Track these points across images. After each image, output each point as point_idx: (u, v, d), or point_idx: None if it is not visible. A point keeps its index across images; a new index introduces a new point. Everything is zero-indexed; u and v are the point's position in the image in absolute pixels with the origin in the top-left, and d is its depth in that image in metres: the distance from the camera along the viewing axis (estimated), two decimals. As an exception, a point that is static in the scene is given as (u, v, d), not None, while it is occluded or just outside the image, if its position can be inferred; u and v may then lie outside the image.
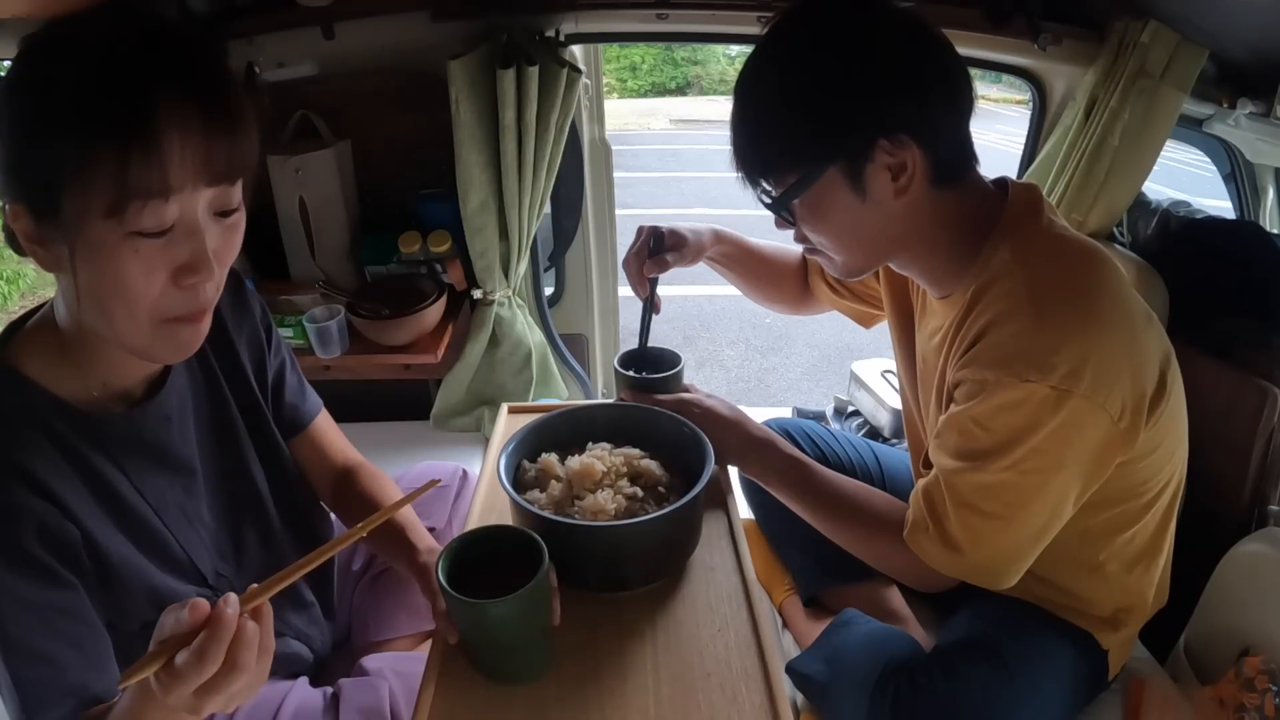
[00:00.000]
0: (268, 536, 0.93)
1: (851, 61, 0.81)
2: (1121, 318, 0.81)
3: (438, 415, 1.93)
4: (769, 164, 0.87)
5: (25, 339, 0.72)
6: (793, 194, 0.86)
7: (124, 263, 0.62)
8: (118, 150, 0.58)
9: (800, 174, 0.84)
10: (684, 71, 16.09)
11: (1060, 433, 0.79)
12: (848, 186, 0.84)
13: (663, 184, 7.46)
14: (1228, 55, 1.43)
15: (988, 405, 0.81)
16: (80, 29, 0.63)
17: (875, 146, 0.82)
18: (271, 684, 0.96)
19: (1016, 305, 0.81)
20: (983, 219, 0.88)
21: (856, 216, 0.86)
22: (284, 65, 1.68)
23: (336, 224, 1.80)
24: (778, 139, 0.85)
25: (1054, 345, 0.77)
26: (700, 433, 0.97)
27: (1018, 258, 0.84)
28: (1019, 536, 0.85)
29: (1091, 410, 0.78)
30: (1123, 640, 1.01)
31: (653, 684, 0.79)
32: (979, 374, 0.82)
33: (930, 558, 0.88)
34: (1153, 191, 1.60)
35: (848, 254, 0.92)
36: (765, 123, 0.86)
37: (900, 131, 0.81)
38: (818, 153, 0.83)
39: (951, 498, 0.86)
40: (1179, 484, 0.95)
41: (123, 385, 0.75)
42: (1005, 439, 0.81)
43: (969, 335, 0.85)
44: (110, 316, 0.65)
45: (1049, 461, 0.81)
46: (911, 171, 0.83)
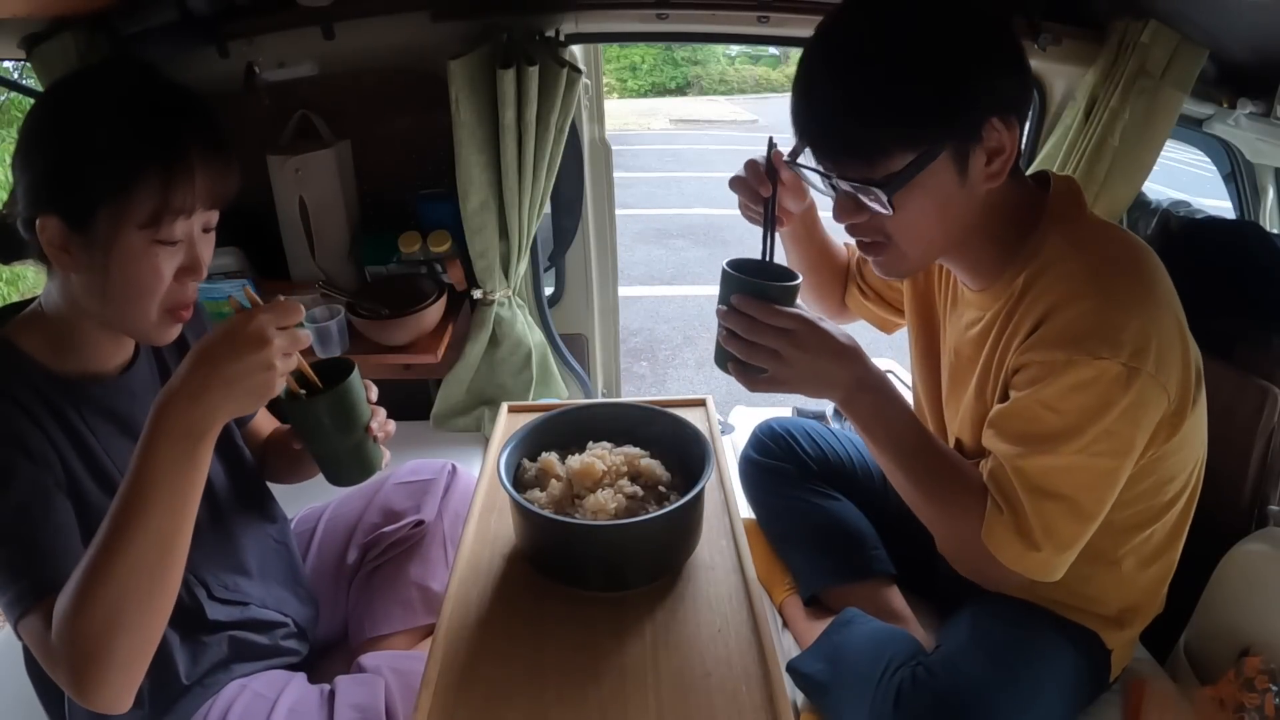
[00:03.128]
0: (216, 514, 0.98)
1: (967, 34, 0.77)
2: (1174, 301, 0.83)
3: (438, 415, 1.93)
4: (876, 146, 0.79)
5: (20, 323, 0.85)
6: (905, 177, 0.78)
7: (147, 264, 0.79)
8: (162, 175, 0.76)
9: (915, 155, 0.78)
10: (684, 71, 16.10)
11: (1130, 413, 0.79)
12: (954, 168, 0.80)
13: (663, 184, 7.46)
14: (1228, 55, 1.43)
15: (1058, 386, 0.79)
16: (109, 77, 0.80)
17: (986, 125, 0.79)
18: (268, 679, 0.97)
19: (1080, 285, 0.80)
20: (1031, 209, 0.88)
21: (951, 202, 0.82)
22: (284, 65, 1.68)
23: (336, 224, 1.80)
24: (891, 117, 0.77)
25: (1122, 323, 0.77)
26: (700, 432, 0.97)
27: (1071, 243, 0.84)
28: (1087, 525, 0.84)
29: (1155, 390, 0.79)
30: (1126, 640, 1.01)
31: (653, 684, 0.79)
32: (1048, 354, 0.80)
33: (1003, 549, 0.84)
34: (1153, 191, 1.60)
35: (924, 245, 0.87)
36: (874, 100, 0.77)
37: (1010, 111, 0.79)
38: (936, 132, 0.78)
39: (1021, 483, 0.83)
40: (1196, 485, 0.95)
41: (98, 367, 0.88)
42: (1076, 420, 0.79)
43: (1027, 321, 0.84)
44: (128, 306, 0.81)
45: (1119, 444, 0.80)
46: (1008, 154, 0.80)
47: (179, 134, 0.77)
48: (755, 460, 1.30)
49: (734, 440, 1.97)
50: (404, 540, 1.18)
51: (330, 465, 0.93)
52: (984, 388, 0.93)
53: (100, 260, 0.78)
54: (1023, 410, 0.83)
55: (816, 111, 0.82)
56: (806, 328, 0.86)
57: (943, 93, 0.76)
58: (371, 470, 0.94)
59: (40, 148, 0.78)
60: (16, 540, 0.73)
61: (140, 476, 0.70)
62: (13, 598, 0.73)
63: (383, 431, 0.94)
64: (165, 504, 0.71)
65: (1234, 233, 1.45)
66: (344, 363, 0.90)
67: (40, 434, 0.78)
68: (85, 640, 0.68)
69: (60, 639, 0.69)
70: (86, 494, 0.82)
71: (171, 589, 0.74)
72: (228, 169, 0.81)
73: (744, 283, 0.88)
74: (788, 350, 0.85)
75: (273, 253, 1.82)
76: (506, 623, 0.87)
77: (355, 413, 0.90)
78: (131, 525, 0.69)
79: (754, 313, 0.86)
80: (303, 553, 1.19)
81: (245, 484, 1.04)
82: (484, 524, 1.03)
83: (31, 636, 0.73)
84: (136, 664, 0.72)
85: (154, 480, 0.70)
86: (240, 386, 0.71)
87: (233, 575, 0.98)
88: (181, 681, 0.90)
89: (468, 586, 0.92)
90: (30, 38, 1.43)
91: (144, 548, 0.70)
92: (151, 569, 0.71)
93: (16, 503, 0.74)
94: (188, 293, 0.84)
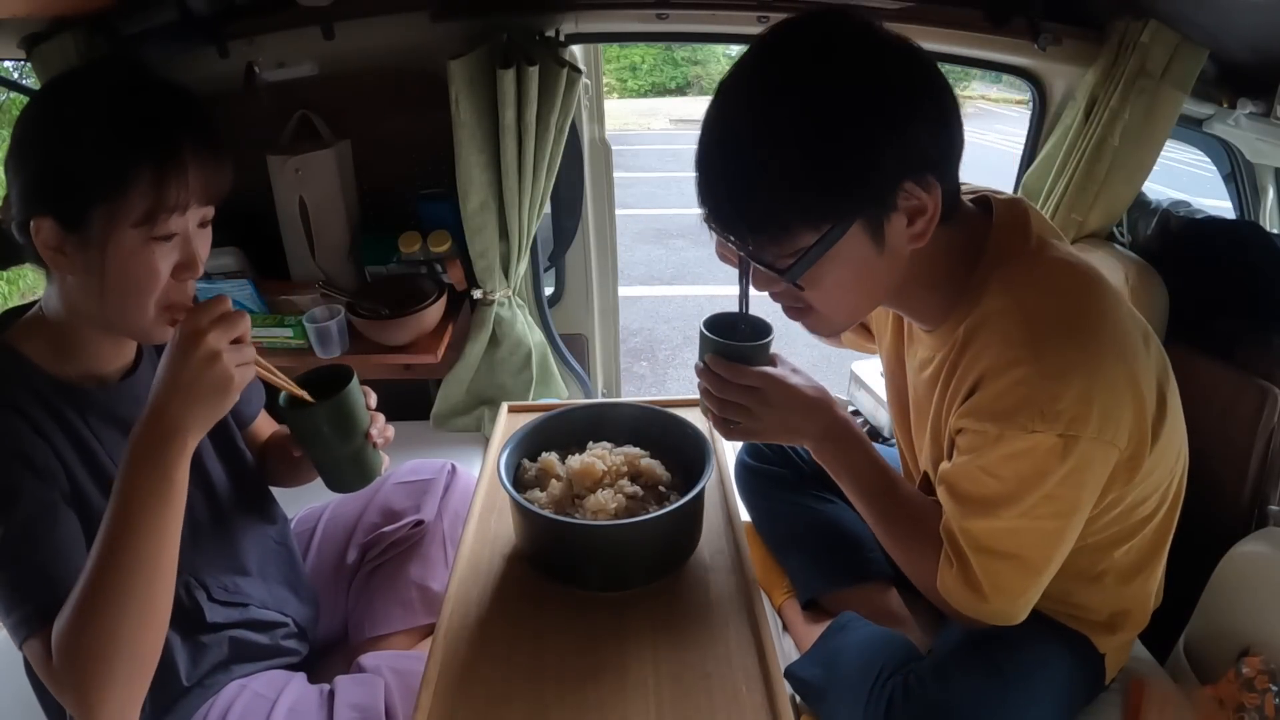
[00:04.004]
0: (219, 517, 0.99)
1: (876, 94, 0.71)
2: (1121, 348, 0.78)
3: (438, 415, 1.93)
4: (778, 225, 0.76)
5: (22, 328, 0.84)
6: (811, 258, 0.76)
7: (144, 262, 0.78)
8: (154, 172, 0.76)
9: (820, 234, 0.75)
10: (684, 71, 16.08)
11: (1072, 477, 0.77)
12: (868, 239, 0.76)
13: (663, 184, 7.46)
14: (1228, 55, 1.43)
15: (994, 455, 0.79)
16: (98, 76, 0.80)
17: (899, 191, 0.74)
18: (268, 679, 0.97)
19: (1013, 351, 0.76)
20: (971, 247, 0.84)
21: (869, 269, 0.79)
22: (284, 65, 1.68)
23: (336, 224, 1.80)
24: (793, 197, 0.74)
25: (1057, 392, 0.74)
26: (701, 432, 0.97)
27: (1010, 294, 0.80)
28: (1037, 578, 0.84)
29: (1100, 448, 0.77)
30: (1120, 644, 1.01)
31: (653, 684, 0.79)
32: (980, 425, 0.79)
33: (956, 600, 0.87)
34: (1153, 191, 1.60)
35: (846, 311, 0.86)
36: (774, 180, 0.73)
37: (926, 171, 0.74)
38: (842, 208, 0.74)
39: (968, 542, 0.84)
40: (1178, 493, 0.95)
41: (101, 372, 0.88)
42: (1015, 487, 0.79)
43: (966, 382, 0.82)
44: (126, 305, 0.80)
45: (1061, 506, 0.79)
46: (930, 214, 0.76)
47: (170, 130, 0.77)
48: (750, 465, 1.30)
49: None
50: (404, 540, 1.18)
51: (330, 472, 0.94)
52: (938, 434, 0.92)
53: (96, 260, 0.77)
54: (965, 474, 0.83)
55: (711, 184, 0.78)
56: (773, 385, 0.90)
57: (843, 169, 0.72)
58: (371, 477, 0.94)
59: (32, 149, 0.78)
60: (22, 563, 0.74)
61: (121, 501, 0.72)
62: (18, 621, 0.73)
63: (382, 438, 0.95)
64: (147, 527, 0.72)
65: (1234, 233, 1.45)
66: (343, 369, 0.90)
67: (44, 444, 0.78)
68: (84, 664, 0.70)
69: (62, 662, 0.70)
70: (91, 501, 0.82)
71: (164, 606, 0.75)
72: (221, 164, 0.81)
73: (715, 344, 0.92)
74: (756, 407, 0.90)
75: (273, 253, 1.82)
76: (506, 623, 0.87)
77: (354, 420, 0.90)
78: (119, 549, 0.71)
79: (724, 373, 0.90)
80: (303, 553, 1.19)
81: (245, 485, 1.04)
82: (484, 524, 1.03)
83: (36, 659, 0.73)
84: (137, 682, 0.73)
85: (135, 504, 0.72)
86: (196, 390, 0.72)
87: (232, 576, 0.98)
88: (182, 682, 0.90)
89: (468, 586, 0.92)
90: (30, 38, 1.43)
91: (131, 571, 0.71)
92: (141, 591, 0.72)
93: (22, 524, 0.74)
94: (186, 290, 0.84)
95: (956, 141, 0.77)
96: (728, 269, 0.92)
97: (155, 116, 0.77)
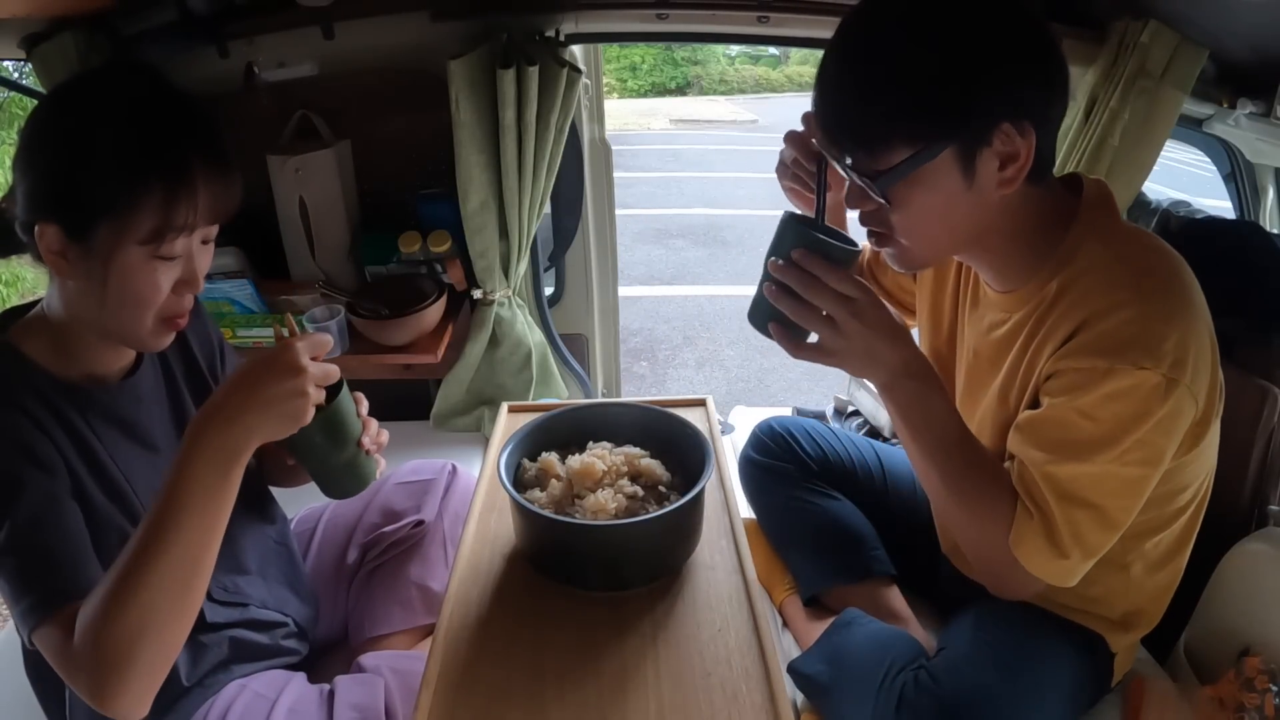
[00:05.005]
0: None
1: (991, 36, 0.75)
2: (1206, 314, 0.82)
3: (438, 415, 1.93)
4: (878, 137, 0.78)
5: (24, 327, 0.84)
6: (901, 171, 0.78)
7: (146, 278, 0.79)
8: (165, 193, 0.76)
9: (914, 150, 0.77)
10: (684, 71, 16.10)
11: (1164, 423, 0.78)
12: (959, 170, 0.78)
13: (663, 184, 7.46)
14: (1228, 55, 1.43)
15: (1096, 394, 0.78)
16: (114, 84, 0.79)
17: (997, 130, 0.76)
18: (268, 679, 0.97)
19: (1121, 294, 0.79)
20: (1062, 212, 0.86)
21: (955, 202, 0.80)
22: (284, 65, 1.68)
23: (336, 224, 1.80)
24: (896, 109, 0.76)
25: (1164, 333, 0.76)
26: (701, 432, 0.97)
27: (1109, 250, 0.83)
28: (1112, 533, 0.83)
29: (1188, 401, 0.78)
30: (1130, 644, 1.01)
31: (653, 684, 0.79)
32: (1087, 361, 0.79)
33: (1030, 556, 0.83)
34: (1153, 191, 1.61)
35: (929, 243, 0.85)
36: (882, 90, 0.76)
37: (1025, 118, 0.76)
38: (940, 130, 0.76)
39: (1051, 489, 0.82)
40: (1206, 495, 0.95)
41: (102, 373, 0.88)
42: (1111, 429, 0.78)
43: (1062, 327, 0.82)
44: (125, 315, 0.81)
45: (1151, 453, 0.80)
46: (1022, 162, 0.78)
47: (184, 151, 0.77)
48: (755, 460, 1.30)
49: (734, 440, 1.97)
50: (404, 540, 1.18)
51: (325, 480, 0.93)
52: (1008, 392, 0.92)
53: (98, 271, 0.77)
54: (1057, 417, 0.82)
55: (825, 92, 0.81)
56: (869, 299, 0.83)
57: (947, 92, 0.75)
58: (366, 483, 0.94)
59: (42, 153, 0.77)
60: (30, 551, 0.74)
61: (175, 491, 0.72)
62: (28, 607, 0.73)
63: (375, 444, 0.94)
64: (198, 519, 0.73)
65: (1234, 233, 1.45)
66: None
67: (47, 441, 0.78)
68: (111, 648, 0.69)
69: (85, 646, 0.70)
70: (92, 499, 0.82)
71: (198, 599, 0.75)
72: (231, 186, 0.81)
73: (810, 237, 0.81)
74: (846, 320, 0.82)
75: (273, 253, 1.82)
76: (506, 623, 0.87)
77: (346, 430, 0.89)
78: (164, 538, 0.71)
79: (819, 272, 0.81)
80: (303, 553, 1.19)
81: (246, 486, 1.04)
82: (484, 524, 1.03)
83: (48, 645, 0.73)
84: (157, 672, 0.73)
85: (188, 495, 0.72)
86: (275, 410, 0.74)
87: (232, 576, 0.98)
88: (181, 682, 0.90)
89: (468, 586, 0.92)
90: (30, 38, 1.43)
91: (175, 560, 0.71)
92: (181, 581, 0.72)
93: (28, 513, 0.74)
94: (184, 304, 0.84)
95: (1057, 107, 0.80)
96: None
97: (169, 136, 0.77)
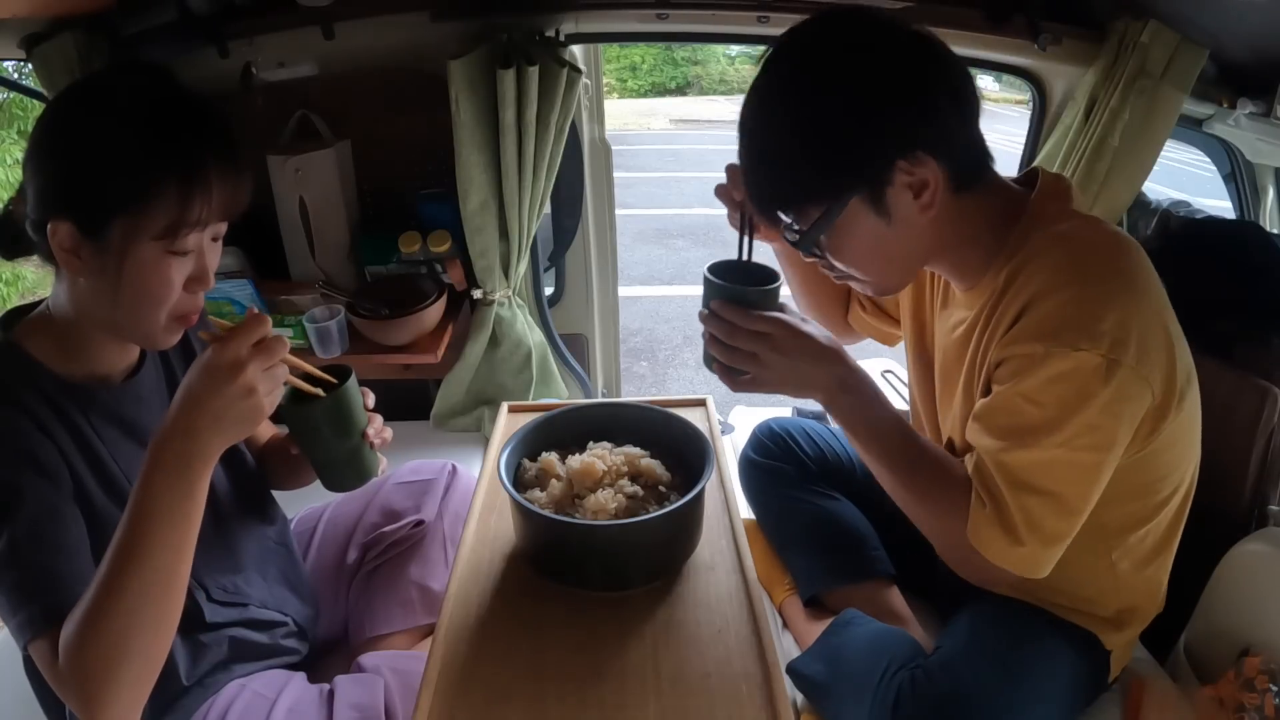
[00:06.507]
0: (218, 517, 0.99)
1: (858, 87, 0.79)
2: (1157, 298, 0.82)
3: (438, 415, 1.93)
4: (789, 200, 0.85)
5: (28, 326, 0.84)
6: (819, 228, 0.84)
7: (159, 274, 0.79)
8: (180, 189, 0.76)
9: (823, 208, 0.83)
10: (684, 71, 16.09)
11: (1111, 406, 0.78)
12: (872, 212, 0.83)
13: (663, 184, 7.46)
14: (1228, 55, 1.43)
15: (1038, 378, 0.79)
16: (127, 83, 0.79)
17: (894, 169, 0.81)
18: (267, 679, 0.97)
19: (1059, 276, 0.80)
20: (1011, 210, 0.88)
21: (884, 238, 0.85)
22: (284, 65, 1.68)
23: (336, 224, 1.80)
24: (795, 175, 0.83)
25: (1100, 314, 0.77)
26: (701, 432, 0.97)
27: (1053, 236, 0.84)
28: (1072, 520, 0.83)
29: (1137, 383, 0.78)
30: (1125, 641, 1.01)
31: (653, 684, 0.79)
32: (1027, 347, 0.80)
33: (988, 546, 0.84)
34: (1153, 191, 1.61)
35: (880, 274, 0.90)
36: (780, 160, 0.84)
37: (916, 149, 0.80)
38: (838, 185, 0.82)
39: (1004, 478, 0.83)
40: (1190, 488, 0.95)
41: (105, 372, 0.88)
42: (1056, 413, 0.79)
43: (1008, 314, 0.84)
44: (138, 313, 0.81)
45: (1101, 438, 0.80)
46: (933, 187, 0.82)
47: (198, 148, 0.78)
48: (755, 460, 1.30)
49: (734, 440, 1.97)
50: (404, 540, 1.18)
51: (326, 471, 0.93)
52: (970, 385, 0.93)
53: (112, 268, 0.78)
54: (1004, 404, 0.83)
55: (744, 167, 0.87)
56: (785, 331, 0.89)
57: (832, 151, 0.81)
58: (368, 476, 0.94)
59: (56, 151, 0.78)
60: (28, 566, 0.74)
61: (139, 511, 0.72)
62: (22, 621, 0.73)
63: (379, 438, 0.94)
64: (165, 536, 0.72)
65: (1234, 233, 1.45)
66: (342, 368, 0.90)
67: (49, 443, 0.78)
68: (92, 668, 0.70)
69: (69, 665, 0.70)
70: (94, 500, 0.82)
71: (174, 614, 0.75)
72: (242, 182, 0.82)
73: (722, 288, 0.90)
74: (766, 354, 0.89)
75: (273, 252, 1.82)
76: (506, 623, 0.87)
77: (352, 419, 0.90)
78: (134, 558, 0.71)
79: (732, 318, 0.89)
80: (303, 553, 1.19)
81: (245, 486, 1.04)
82: (484, 524, 1.03)
83: (41, 660, 0.73)
84: (142, 685, 0.74)
85: (153, 515, 0.72)
86: (227, 418, 0.73)
87: (231, 576, 0.98)
88: (181, 682, 0.90)
89: (468, 586, 0.92)
90: (30, 38, 1.43)
91: (147, 579, 0.71)
92: (155, 598, 0.72)
93: (28, 525, 0.74)
94: (196, 301, 0.84)
95: (954, 118, 0.82)
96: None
97: (184, 132, 0.77)
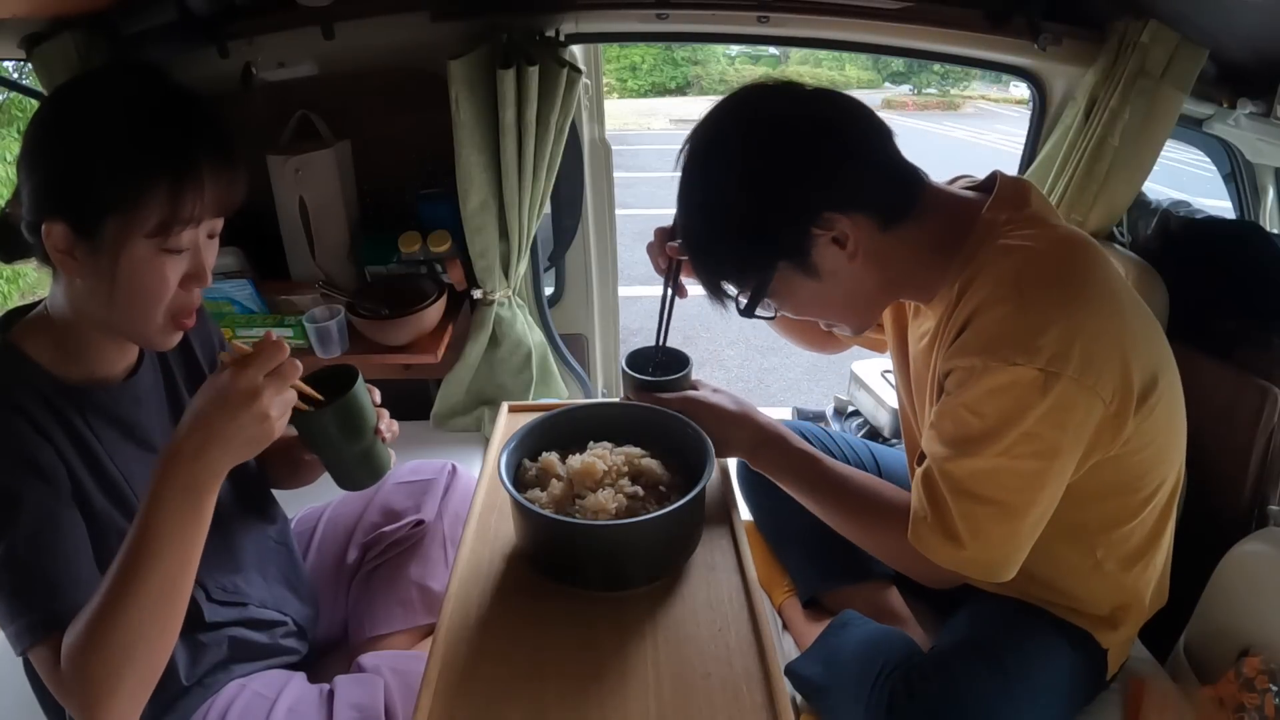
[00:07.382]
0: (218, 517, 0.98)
1: (755, 173, 0.85)
2: (1109, 303, 0.81)
3: (438, 415, 1.93)
4: (723, 276, 0.93)
5: (26, 327, 0.84)
6: (756, 298, 0.92)
7: (154, 272, 0.79)
8: (171, 186, 0.76)
9: (754, 280, 0.90)
10: (684, 71, 16.09)
11: (1051, 416, 0.79)
12: (802, 274, 0.89)
13: (663, 184, 7.46)
14: (1228, 55, 1.43)
15: (977, 390, 0.81)
16: (117, 82, 0.80)
17: (809, 236, 0.86)
18: (267, 679, 0.97)
19: (1000, 289, 0.81)
20: (960, 223, 0.88)
21: (824, 291, 0.91)
22: (284, 65, 1.68)
23: (336, 224, 1.80)
24: (719, 257, 0.92)
25: (1039, 328, 0.77)
26: (702, 432, 0.97)
27: (1000, 246, 0.84)
28: (1017, 525, 0.84)
29: (1081, 393, 0.78)
30: (1122, 639, 1.01)
31: (653, 684, 0.79)
32: (967, 360, 0.82)
33: (932, 551, 0.87)
34: (1153, 191, 1.60)
35: (841, 319, 0.97)
36: (701, 243, 0.92)
37: (825, 211, 0.84)
38: (758, 261, 0.89)
39: (948, 485, 0.84)
40: (1176, 484, 0.95)
41: (104, 373, 0.88)
42: (996, 424, 0.80)
43: (955, 325, 0.85)
44: (134, 312, 0.81)
45: (1041, 446, 0.80)
46: (855, 236, 0.86)
47: (189, 144, 0.77)
48: (754, 462, 1.30)
49: (734, 440, 1.96)
50: (404, 540, 1.18)
51: (341, 472, 0.93)
52: (935, 392, 0.94)
53: (107, 267, 0.78)
54: (950, 413, 0.85)
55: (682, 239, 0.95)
56: (694, 408, 1.01)
57: (744, 233, 0.87)
58: (381, 473, 0.95)
59: (47, 153, 0.78)
60: (26, 571, 0.74)
61: (147, 527, 0.72)
62: (22, 628, 0.74)
63: (389, 433, 0.95)
64: (172, 552, 0.73)
65: (1234, 233, 1.45)
66: (347, 370, 0.89)
67: (48, 445, 0.78)
68: (95, 677, 0.70)
69: (71, 673, 0.71)
70: (93, 501, 0.82)
71: (178, 624, 0.76)
72: (236, 178, 0.82)
73: (634, 380, 1.06)
74: None
75: (273, 253, 1.82)
76: (506, 623, 0.87)
77: (362, 420, 0.90)
78: (140, 572, 0.71)
79: (650, 404, 1.02)
80: (303, 552, 1.19)
81: (246, 486, 1.04)
82: (484, 524, 1.03)
83: (42, 666, 0.74)
84: (144, 691, 0.74)
85: (161, 531, 0.72)
86: (237, 440, 0.74)
87: (231, 576, 0.98)
88: (181, 682, 0.90)
89: (468, 586, 0.92)
90: (30, 38, 1.43)
91: (152, 593, 0.72)
92: (159, 610, 0.73)
93: (27, 531, 0.74)
94: (192, 299, 0.84)
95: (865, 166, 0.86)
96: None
97: (175, 129, 0.77)
